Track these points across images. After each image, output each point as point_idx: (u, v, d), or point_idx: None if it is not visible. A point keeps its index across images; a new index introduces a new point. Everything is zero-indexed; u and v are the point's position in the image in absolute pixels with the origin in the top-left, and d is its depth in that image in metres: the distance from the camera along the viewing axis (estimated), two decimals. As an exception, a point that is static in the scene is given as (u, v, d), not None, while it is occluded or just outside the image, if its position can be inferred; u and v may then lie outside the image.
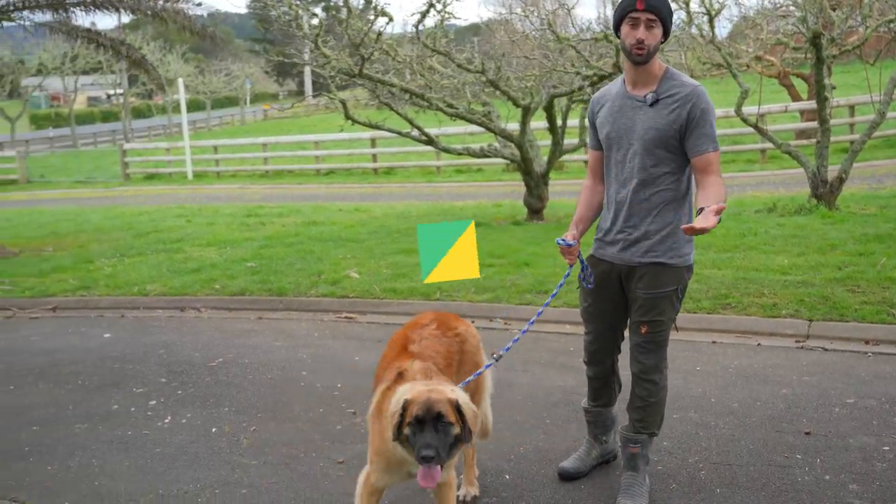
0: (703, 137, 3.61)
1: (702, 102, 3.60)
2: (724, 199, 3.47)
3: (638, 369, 3.81)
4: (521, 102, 11.42)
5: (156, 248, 11.82)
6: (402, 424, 3.18)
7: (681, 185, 3.72)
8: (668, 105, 3.62)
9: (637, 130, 3.67)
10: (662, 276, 3.71)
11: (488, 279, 8.29)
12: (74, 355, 7.00)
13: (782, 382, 5.33)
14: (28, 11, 13.24)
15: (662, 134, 3.62)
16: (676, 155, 3.67)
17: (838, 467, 4.12)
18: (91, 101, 74.49)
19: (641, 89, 3.70)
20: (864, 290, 6.98)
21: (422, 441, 3.12)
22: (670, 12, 3.64)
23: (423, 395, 3.19)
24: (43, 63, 47.56)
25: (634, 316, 3.80)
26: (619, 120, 3.74)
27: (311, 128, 37.31)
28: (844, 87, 24.74)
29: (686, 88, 3.62)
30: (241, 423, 5.23)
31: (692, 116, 3.59)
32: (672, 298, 3.74)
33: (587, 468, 4.21)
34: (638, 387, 3.84)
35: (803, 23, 11.32)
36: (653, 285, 3.71)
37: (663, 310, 3.73)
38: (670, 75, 3.69)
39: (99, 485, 4.49)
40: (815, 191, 11.11)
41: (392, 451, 3.31)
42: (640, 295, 3.74)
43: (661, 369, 3.81)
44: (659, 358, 3.80)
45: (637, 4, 3.54)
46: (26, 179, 28.84)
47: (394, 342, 3.81)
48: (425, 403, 3.15)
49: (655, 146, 3.64)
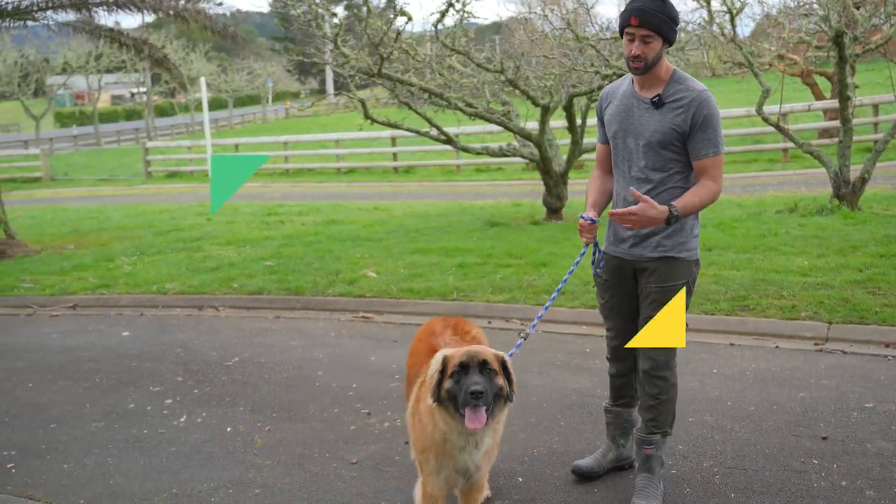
0: (704, 142, 3.65)
1: (705, 108, 3.63)
2: (699, 200, 3.61)
3: (649, 366, 3.82)
4: (540, 102, 11.37)
5: (175, 246, 11.89)
6: (441, 382, 3.15)
7: (688, 183, 3.75)
8: (674, 108, 3.67)
9: (643, 131, 3.72)
10: (673, 270, 3.76)
11: (505, 279, 8.28)
12: (93, 353, 7.06)
13: (800, 386, 5.27)
14: (52, 11, 13.37)
15: (667, 136, 3.67)
16: (682, 155, 3.72)
17: (855, 473, 4.07)
18: (115, 100, 75.13)
19: (648, 91, 3.75)
20: (885, 292, 6.90)
21: (468, 381, 3.09)
22: (669, 22, 3.63)
23: (462, 350, 3.20)
24: (68, 62, 47.97)
25: (645, 311, 3.83)
26: (627, 120, 3.79)
27: (333, 126, 37.43)
28: (869, 85, 24.47)
29: (692, 93, 3.66)
30: (256, 423, 5.25)
31: (696, 121, 3.64)
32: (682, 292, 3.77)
33: (602, 470, 4.19)
34: (649, 385, 3.84)
35: (826, 21, 11.20)
36: (664, 279, 3.76)
37: None
38: (677, 78, 3.73)
39: (113, 483, 4.52)
40: (836, 191, 10.99)
41: (436, 438, 3.28)
42: (652, 289, 3.78)
43: (671, 366, 3.84)
44: (669, 354, 3.82)
45: (631, 20, 3.60)
46: (50, 177, 29.12)
47: (417, 351, 3.81)
48: (468, 352, 3.16)
49: (661, 147, 3.70)
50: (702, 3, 11.80)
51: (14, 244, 12.46)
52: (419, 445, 3.44)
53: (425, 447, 3.38)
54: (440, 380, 3.16)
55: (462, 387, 3.09)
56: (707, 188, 3.65)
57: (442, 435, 3.29)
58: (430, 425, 3.31)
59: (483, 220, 12.39)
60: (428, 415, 3.31)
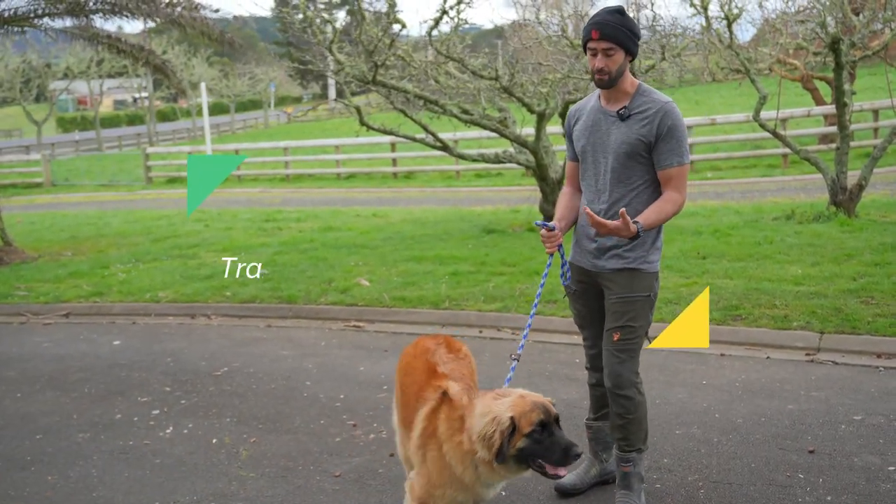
0: (668, 152, 3.68)
1: (670, 118, 3.67)
2: (664, 214, 3.63)
3: (612, 383, 3.79)
4: (535, 108, 11.35)
5: (171, 253, 11.88)
6: (508, 443, 3.05)
7: (653, 196, 3.76)
8: (640, 120, 3.70)
9: (611, 144, 3.75)
10: (634, 282, 3.76)
11: (498, 288, 8.25)
12: (83, 362, 7.05)
13: (789, 398, 5.23)
14: (48, 18, 13.37)
15: (634, 148, 3.70)
16: (648, 167, 3.74)
17: (840, 488, 4.03)
18: (117, 105, 75.29)
19: (615, 105, 3.79)
20: (879, 301, 6.86)
21: (560, 441, 3.08)
22: (629, 34, 3.66)
23: (528, 402, 3.12)
24: (69, 67, 48.07)
25: (608, 324, 3.83)
26: (594, 134, 3.82)
27: (334, 131, 37.44)
28: (872, 90, 24.45)
29: (656, 105, 3.70)
30: (242, 435, 5.22)
31: (660, 131, 3.67)
32: (644, 305, 3.79)
33: (585, 486, 4.16)
34: (615, 404, 3.82)
35: (823, 27, 11.17)
36: (625, 290, 3.76)
37: (635, 316, 3.76)
38: (642, 91, 3.76)
39: (97, 496, 4.50)
40: (834, 198, 10.95)
41: (465, 480, 3.21)
42: (614, 300, 3.79)
43: (634, 383, 3.81)
44: (632, 370, 3.80)
45: (592, 34, 3.63)
46: (51, 183, 29.16)
47: (414, 369, 3.69)
48: (543, 407, 3.12)
49: (628, 159, 3.72)
50: (699, 10, 11.78)
51: (11, 251, 12.45)
52: (434, 481, 3.33)
53: (444, 484, 3.30)
54: (505, 441, 3.07)
55: (551, 447, 3.07)
56: (672, 201, 3.68)
57: (476, 479, 3.22)
58: (460, 468, 3.23)
59: (480, 226, 12.37)
60: (460, 459, 3.22)
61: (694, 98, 36.37)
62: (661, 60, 10.86)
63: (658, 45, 11.27)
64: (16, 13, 13.00)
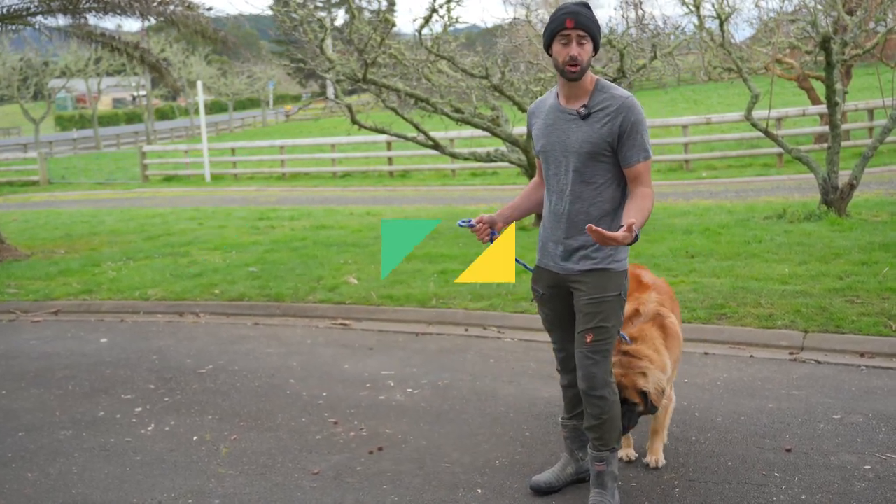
0: (634, 149, 3.65)
1: (632, 115, 3.63)
2: (647, 211, 3.58)
3: (586, 385, 3.78)
4: (526, 107, 11.35)
5: (163, 251, 11.88)
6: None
7: (618, 195, 3.74)
8: (601, 118, 3.66)
9: (572, 144, 3.71)
10: (604, 282, 3.73)
11: (485, 287, 8.25)
12: (70, 360, 7.05)
13: (770, 396, 5.24)
14: (42, 17, 13.37)
15: (597, 147, 3.66)
16: (612, 166, 3.70)
17: (815, 486, 4.04)
18: (116, 103, 75.29)
19: (574, 102, 3.74)
20: (864, 300, 6.86)
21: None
22: (599, 28, 3.68)
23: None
24: (67, 65, 48.02)
25: (579, 326, 3.80)
26: (553, 133, 3.78)
27: (332, 130, 37.42)
28: (868, 89, 24.40)
29: (617, 101, 3.66)
30: (223, 432, 5.22)
31: (623, 129, 3.63)
32: (615, 304, 3.76)
33: (560, 484, 4.15)
34: (590, 405, 3.80)
35: (814, 26, 11.17)
36: (596, 290, 3.73)
37: (607, 316, 3.74)
38: (601, 87, 3.73)
39: (76, 493, 4.50)
40: (825, 197, 10.95)
41: None
42: (584, 302, 3.76)
43: (608, 383, 3.80)
44: (606, 370, 3.79)
45: (566, 22, 3.59)
46: (47, 181, 29.14)
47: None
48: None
49: (591, 159, 3.68)
50: (691, 9, 11.79)
51: (3, 248, 12.44)
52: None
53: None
54: None
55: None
56: (648, 196, 3.62)
57: None
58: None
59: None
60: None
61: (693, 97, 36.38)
62: (653, 60, 10.87)
63: (650, 43, 11.28)
64: (10, 11, 13.01)
